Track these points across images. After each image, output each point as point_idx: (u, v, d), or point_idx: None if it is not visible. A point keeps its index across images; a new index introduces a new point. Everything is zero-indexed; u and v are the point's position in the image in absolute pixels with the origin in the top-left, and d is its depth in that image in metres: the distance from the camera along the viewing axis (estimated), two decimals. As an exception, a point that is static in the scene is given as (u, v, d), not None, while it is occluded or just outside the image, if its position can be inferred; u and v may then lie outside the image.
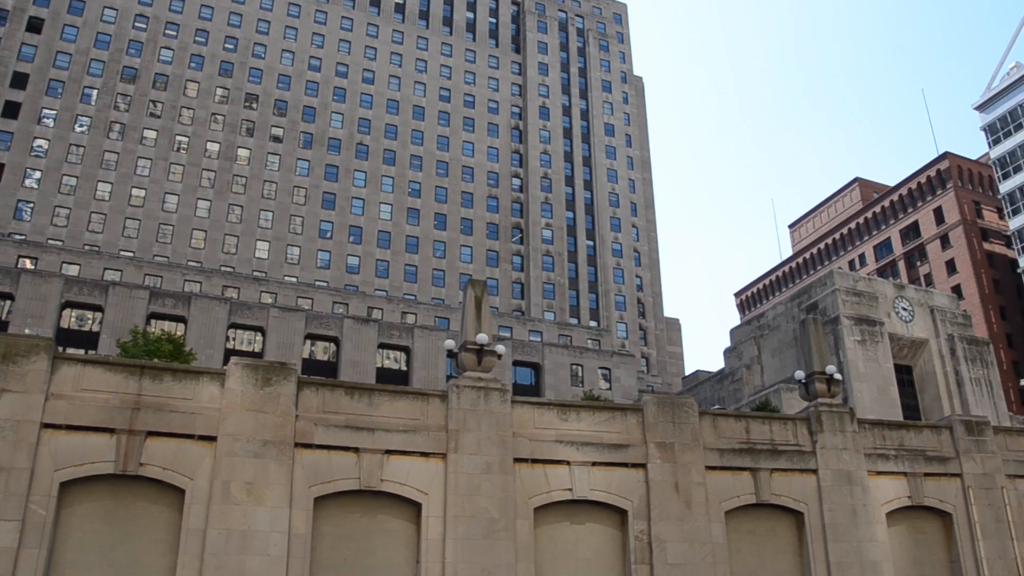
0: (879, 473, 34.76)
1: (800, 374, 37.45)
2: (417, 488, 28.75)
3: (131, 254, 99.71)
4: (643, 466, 32.02)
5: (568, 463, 31.08)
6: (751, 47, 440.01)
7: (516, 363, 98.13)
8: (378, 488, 28.32)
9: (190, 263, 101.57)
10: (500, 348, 32.09)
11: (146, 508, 26.23)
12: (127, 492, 26.15)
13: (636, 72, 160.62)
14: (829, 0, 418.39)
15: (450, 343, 32.57)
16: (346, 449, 28.20)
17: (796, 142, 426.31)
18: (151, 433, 26.19)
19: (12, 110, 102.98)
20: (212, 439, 26.79)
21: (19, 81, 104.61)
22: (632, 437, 32.44)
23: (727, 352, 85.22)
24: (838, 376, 36.08)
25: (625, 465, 31.87)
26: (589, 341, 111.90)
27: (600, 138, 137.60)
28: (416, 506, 28.80)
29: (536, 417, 31.48)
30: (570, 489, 30.84)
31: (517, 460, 30.30)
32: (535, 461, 30.68)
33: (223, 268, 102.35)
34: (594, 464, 31.37)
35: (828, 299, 71.14)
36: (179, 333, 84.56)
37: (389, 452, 28.67)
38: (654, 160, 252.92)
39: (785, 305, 78.88)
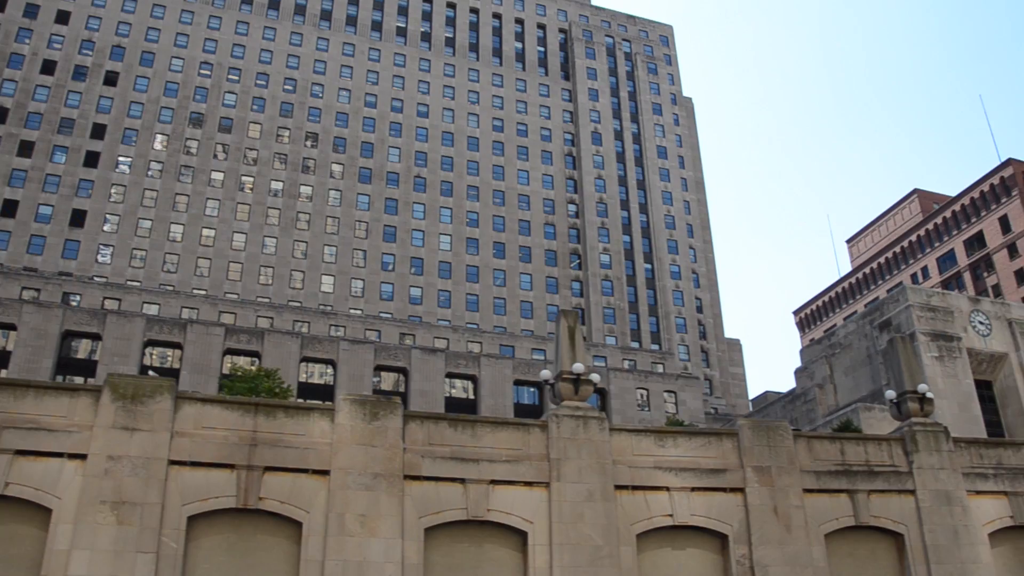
0: (978, 493, 34.43)
1: (891, 393, 37.38)
2: (522, 517, 29.23)
3: (204, 292, 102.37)
4: (741, 490, 32.12)
5: (667, 489, 31.31)
6: (799, 61, 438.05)
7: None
8: (485, 518, 28.86)
9: (259, 299, 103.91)
10: (595, 377, 32.60)
11: (266, 540, 27.11)
12: (248, 525, 27.08)
13: (685, 93, 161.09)
14: (880, 8, 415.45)
15: (546, 373, 33.06)
16: (453, 480, 28.83)
17: (850, 155, 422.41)
18: (268, 468, 27.13)
19: (92, 159, 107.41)
20: (325, 473, 27.64)
21: (98, 132, 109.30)
22: (729, 461, 32.60)
23: (798, 372, 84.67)
24: (930, 395, 35.98)
25: (723, 490, 32.00)
26: (652, 364, 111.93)
27: (653, 161, 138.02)
28: (522, 535, 29.29)
29: (634, 444, 31.87)
30: (671, 515, 31.05)
31: (618, 487, 30.62)
32: (635, 488, 30.98)
33: (291, 303, 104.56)
34: (693, 489, 31.55)
35: (902, 315, 70.50)
36: (253, 368, 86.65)
37: (494, 482, 29.24)
38: (707, 180, 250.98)
39: (856, 323, 78.29)
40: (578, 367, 31.94)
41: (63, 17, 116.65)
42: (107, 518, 25.04)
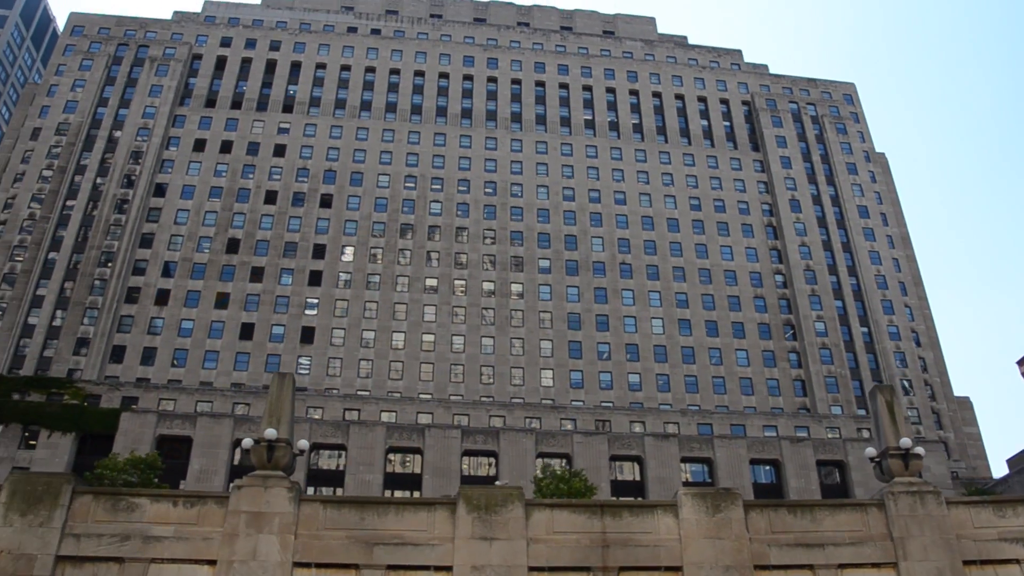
0: None
1: None
2: (876, 600, 28.20)
3: (429, 396, 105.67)
4: (1100, 560, 29.85)
5: (1018, 562, 29.47)
6: (985, 97, 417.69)
7: (819, 463, 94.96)
8: (839, 604, 28.02)
9: (483, 399, 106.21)
10: (920, 450, 31.39)
11: (622, 640, 27.17)
12: (607, 626, 27.24)
13: (877, 149, 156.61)
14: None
15: (870, 451, 32.12)
16: (801, 567, 28.16)
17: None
18: (623, 568, 27.34)
19: (316, 278, 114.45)
20: (678, 569, 27.57)
21: (319, 252, 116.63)
22: (1078, 529, 30.43)
23: (1066, 428, 78.75)
24: None
25: (1079, 560, 29.85)
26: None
27: (855, 221, 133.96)
28: (878, 619, 28.21)
29: (972, 516, 30.26)
30: (1028, 589, 29.20)
31: (966, 563, 29.10)
32: (983, 562, 29.29)
33: (514, 400, 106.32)
34: (1047, 561, 29.61)
35: None
36: (490, 467, 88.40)
37: (842, 566, 28.37)
38: (912, 234, 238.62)
39: None
40: (905, 442, 30.86)
41: (280, 150, 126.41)
42: (477, 625, 25.85)
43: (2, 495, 27.50)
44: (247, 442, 29.09)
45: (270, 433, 28.19)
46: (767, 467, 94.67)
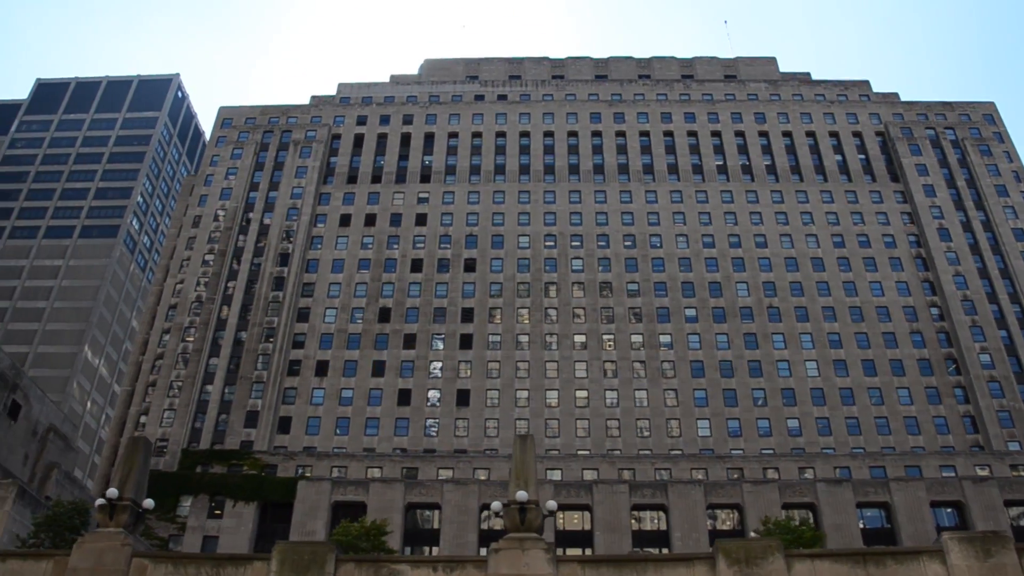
0: None
1: None
2: None
3: (587, 452, 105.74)
4: None
5: None
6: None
7: (1007, 502, 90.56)
8: (1119, 652, 26.88)
9: (641, 452, 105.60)
10: None
11: None
12: None
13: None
14: None
15: None
16: (1078, 614, 27.24)
17: None
18: (893, 618, 26.98)
19: (466, 341, 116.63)
20: (944, 617, 27.05)
21: (467, 315, 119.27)
22: None
23: None
24: None
25: None
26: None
27: (1011, 246, 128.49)
28: None
29: None
30: None
31: None
32: None
33: (672, 452, 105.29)
34: None
35: None
36: (659, 521, 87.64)
37: (1120, 611, 27.29)
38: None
39: None
40: None
41: (421, 219, 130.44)
42: None
43: (272, 564, 29.16)
44: (496, 505, 30.10)
45: (521, 496, 29.03)
46: (948, 509, 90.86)
